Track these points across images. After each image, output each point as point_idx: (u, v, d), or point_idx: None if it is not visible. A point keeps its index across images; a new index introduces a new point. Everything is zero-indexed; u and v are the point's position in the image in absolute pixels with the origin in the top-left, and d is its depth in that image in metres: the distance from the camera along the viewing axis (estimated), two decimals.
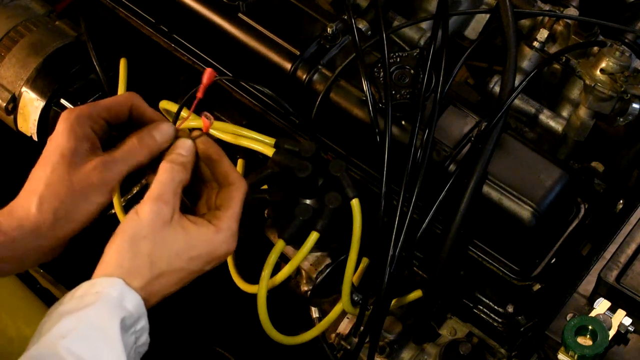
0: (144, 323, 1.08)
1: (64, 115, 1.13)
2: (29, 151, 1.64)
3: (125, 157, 1.13)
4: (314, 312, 1.43)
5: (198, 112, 1.21)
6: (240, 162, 1.43)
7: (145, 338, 1.09)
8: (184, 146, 1.15)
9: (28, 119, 1.56)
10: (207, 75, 1.17)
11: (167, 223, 1.10)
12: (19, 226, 1.11)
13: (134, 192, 1.51)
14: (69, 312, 1.04)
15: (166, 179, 1.11)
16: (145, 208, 1.10)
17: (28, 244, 1.12)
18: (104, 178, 1.12)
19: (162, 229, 1.10)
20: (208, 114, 1.17)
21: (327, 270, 1.38)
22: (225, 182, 1.16)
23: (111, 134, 1.17)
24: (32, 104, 1.55)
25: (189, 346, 1.71)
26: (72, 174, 1.11)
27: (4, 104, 1.56)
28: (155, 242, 1.09)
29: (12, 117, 1.58)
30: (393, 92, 1.30)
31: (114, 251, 1.09)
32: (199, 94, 1.17)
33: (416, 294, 1.36)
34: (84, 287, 1.07)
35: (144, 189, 1.51)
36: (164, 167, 1.12)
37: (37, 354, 1.01)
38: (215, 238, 1.12)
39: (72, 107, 1.54)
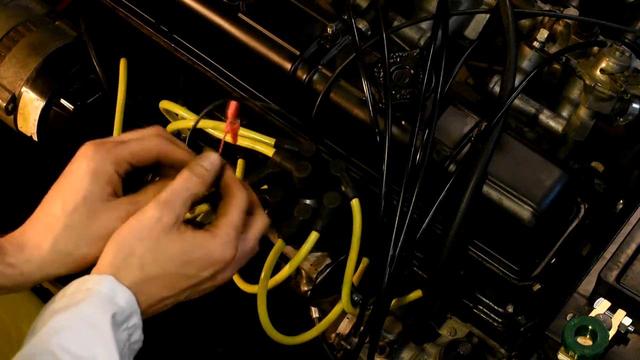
0: (136, 320, 1.08)
1: (88, 154, 1.11)
2: (29, 151, 1.65)
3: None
4: (314, 312, 1.43)
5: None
6: (240, 162, 1.43)
7: (138, 335, 1.09)
8: (209, 159, 1.15)
9: (28, 119, 1.56)
10: (232, 107, 1.19)
11: (166, 230, 1.09)
12: (28, 260, 1.10)
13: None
14: (60, 310, 1.05)
15: (179, 188, 1.11)
16: (149, 211, 1.10)
17: (34, 276, 1.11)
18: None
19: (160, 233, 1.09)
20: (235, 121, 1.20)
21: (327, 270, 1.39)
22: (226, 193, 1.16)
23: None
24: (32, 104, 1.55)
25: (189, 346, 1.71)
26: (92, 220, 1.10)
27: (4, 104, 1.56)
28: (150, 246, 1.09)
29: (12, 117, 1.58)
30: (393, 92, 1.30)
31: (109, 249, 1.09)
32: (226, 129, 1.20)
33: (416, 294, 1.37)
34: (74, 285, 1.08)
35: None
36: (181, 175, 1.12)
37: (31, 352, 1.01)
38: (209, 243, 1.12)
39: (71, 106, 1.54)
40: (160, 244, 1.10)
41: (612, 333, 1.20)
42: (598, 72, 1.37)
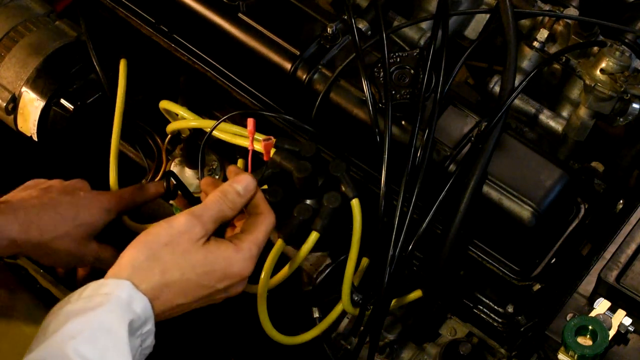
0: (150, 326, 1.08)
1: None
2: (29, 151, 1.65)
3: None
4: (315, 312, 1.43)
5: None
6: (240, 162, 1.43)
7: (150, 341, 1.09)
8: (243, 183, 1.18)
9: (28, 119, 1.56)
10: (251, 124, 1.30)
11: (193, 240, 1.11)
12: None
13: None
14: (77, 313, 1.04)
15: (212, 207, 1.15)
16: (181, 219, 1.12)
17: None
18: None
19: (187, 242, 1.11)
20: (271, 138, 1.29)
21: (327, 270, 1.38)
22: (254, 212, 1.19)
23: None
24: (32, 104, 1.55)
25: (188, 346, 1.71)
26: None
27: (4, 104, 1.56)
28: (174, 252, 1.10)
29: (12, 117, 1.58)
30: (393, 92, 1.30)
31: (131, 251, 1.10)
32: (250, 145, 1.30)
33: (416, 294, 1.36)
34: (91, 287, 1.07)
35: None
36: (216, 196, 1.16)
37: (45, 355, 1.01)
38: (232, 256, 1.14)
39: (71, 106, 1.54)
40: (185, 252, 1.11)
41: (612, 333, 1.20)
42: (598, 72, 1.37)
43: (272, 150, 1.31)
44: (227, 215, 1.16)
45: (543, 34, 1.50)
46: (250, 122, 1.30)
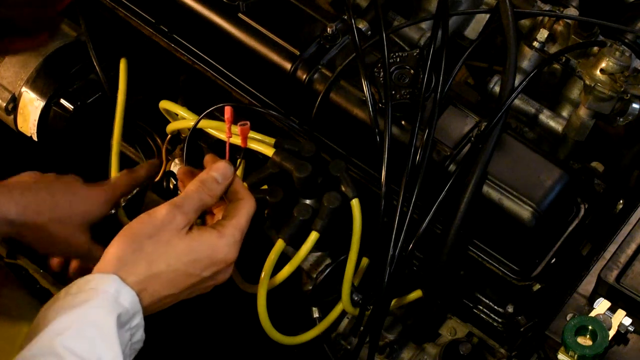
0: (139, 320, 1.09)
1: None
2: (29, 151, 1.65)
3: None
4: (315, 312, 1.43)
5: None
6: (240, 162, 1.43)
7: (140, 335, 1.09)
8: (221, 171, 1.19)
9: (28, 119, 1.56)
10: (228, 113, 1.25)
11: (177, 230, 1.12)
12: None
13: (134, 192, 1.52)
14: (65, 309, 1.04)
15: (193, 196, 1.15)
16: (162, 210, 1.12)
17: None
18: None
19: (171, 232, 1.12)
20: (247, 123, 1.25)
21: (327, 270, 1.39)
22: (234, 198, 1.20)
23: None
24: (32, 104, 1.55)
25: (188, 346, 1.71)
26: None
27: (4, 104, 1.56)
28: (158, 243, 1.10)
29: (12, 117, 1.58)
30: (393, 92, 1.30)
31: (115, 245, 1.10)
32: (228, 134, 1.26)
33: (416, 294, 1.37)
34: (79, 284, 1.08)
35: (144, 190, 1.51)
36: (195, 185, 1.16)
37: (35, 352, 1.01)
38: (217, 242, 1.14)
39: (71, 106, 1.54)
40: (169, 242, 1.12)
41: (612, 333, 1.20)
42: (598, 72, 1.37)
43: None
44: (207, 203, 1.17)
45: (543, 34, 1.50)
46: (227, 110, 1.27)
